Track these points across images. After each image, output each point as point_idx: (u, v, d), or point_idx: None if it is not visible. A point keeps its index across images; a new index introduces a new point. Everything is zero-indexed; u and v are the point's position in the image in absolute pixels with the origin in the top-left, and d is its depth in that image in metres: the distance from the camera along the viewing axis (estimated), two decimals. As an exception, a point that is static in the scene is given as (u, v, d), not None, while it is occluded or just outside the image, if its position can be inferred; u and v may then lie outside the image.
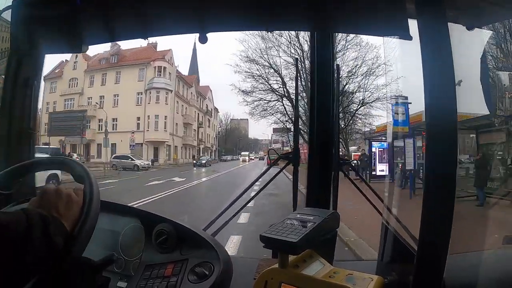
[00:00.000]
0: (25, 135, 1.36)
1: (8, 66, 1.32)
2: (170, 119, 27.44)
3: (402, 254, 0.98)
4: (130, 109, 25.46)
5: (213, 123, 37.86)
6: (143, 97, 26.30)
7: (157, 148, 26.48)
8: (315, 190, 1.34)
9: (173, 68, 28.02)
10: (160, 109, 26.42)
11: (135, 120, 25.92)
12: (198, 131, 33.08)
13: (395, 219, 1.11)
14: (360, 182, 1.41)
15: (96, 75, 26.69)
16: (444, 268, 0.78)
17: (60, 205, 0.69)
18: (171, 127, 27.62)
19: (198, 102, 33.82)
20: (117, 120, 25.39)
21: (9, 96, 1.32)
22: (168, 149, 27.62)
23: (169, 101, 27.33)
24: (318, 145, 1.34)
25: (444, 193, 0.77)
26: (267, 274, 0.77)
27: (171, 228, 0.98)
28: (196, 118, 32.66)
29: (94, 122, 25.56)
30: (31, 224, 0.60)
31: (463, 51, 0.97)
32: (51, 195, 0.71)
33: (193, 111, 31.73)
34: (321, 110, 1.34)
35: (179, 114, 29.43)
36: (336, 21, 1.25)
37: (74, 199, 0.72)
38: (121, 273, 1.00)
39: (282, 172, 1.45)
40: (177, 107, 28.89)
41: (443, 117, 0.78)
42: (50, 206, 0.68)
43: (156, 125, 26.44)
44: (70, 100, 26.52)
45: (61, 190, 0.72)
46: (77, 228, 0.70)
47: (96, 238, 0.79)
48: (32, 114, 1.37)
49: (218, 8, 1.21)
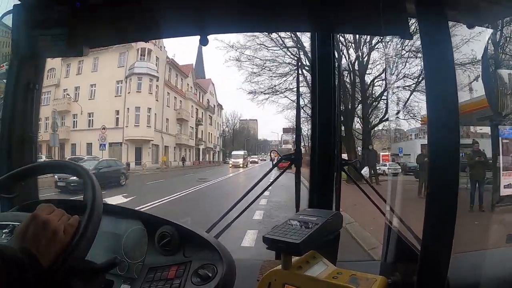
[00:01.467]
0: (27, 139, 1.36)
1: (10, 70, 1.32)
2: (158, 113, 22.53)
3: (406, 254, 0.97)
4: (108, 102, 20.79)
5: (216, 120, 32.00)
6: (123, 86, 21.32)
7: (139, 148, 21.46)
8: (318, 190, 1.34)
9: (162, 53, 23.06)
10: (142, 99, 21.20)
11: (114, 115, 20.91)
12: (197, 129, 27.57)
13: (399, 219, 1.11)
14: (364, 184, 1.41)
15: (72, 63, 21.51)
16: (447, 268, 0.78)
17: (42, 241, 0.66)
18: (159, 123, 22.64)
19: (197, 95, 27.93)
20: (93, 115, 20.90)
21: (10, 100, 1.32)
22: (155, 149, 22.68)
23: (154, 90, 22.08)
24: (320, 145, 1.34)
25: (447, 193, 0.76)
26: (271, 276, 0.77)
27: (174, 230, 0.98)
28: (194, 114, 27.10)
29: (69, 118, 21.05)
30: (5, 265, 0.59)
31: (464, 49, 0.97)
32: (37, 227, 0.68)
33: (189, 106, 26.01)
34: (322, 111, 1.34)
35: (171, 108, 24.22)
36: (337, 21, 1.25)
37: (58, 238, 0.68)
38: (124, 276, 1.00)
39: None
40: (167, 100, 23.76)
41: (445, 116, 0.78)
42: (32, 240, 0.66)
43: (136, 120, 21.10)
44: (47, 94, 20.94)
45: (49, 223, 0.69)
46: (79, 230, 0.71)
47: (99, 241, 0.79)
48: (34, 118, 1.38)
49: (218, 10, 1.21)
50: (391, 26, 1.17)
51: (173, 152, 24.54)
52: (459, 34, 5.09)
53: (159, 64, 22.32)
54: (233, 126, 35.13)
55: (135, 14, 1.24)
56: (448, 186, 0.77)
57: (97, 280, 0.81)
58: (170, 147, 24.06)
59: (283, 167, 1.51)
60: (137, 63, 21.03)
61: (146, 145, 21.46)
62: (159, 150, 22.85)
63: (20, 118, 1.34)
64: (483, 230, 3.67)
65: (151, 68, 21.54)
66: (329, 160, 1.33)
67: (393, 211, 1.14)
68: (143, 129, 21.19)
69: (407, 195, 1.21)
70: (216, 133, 31.88)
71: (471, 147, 7.25)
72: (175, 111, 24.69)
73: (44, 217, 0.69)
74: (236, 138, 34.72)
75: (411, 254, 0.92)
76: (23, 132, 1.35)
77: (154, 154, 22.38)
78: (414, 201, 1.21)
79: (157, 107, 22.31)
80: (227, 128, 34.38)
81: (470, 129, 9.61)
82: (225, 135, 33.99)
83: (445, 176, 0.77)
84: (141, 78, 21.22)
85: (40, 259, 0.64)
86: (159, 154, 22.84)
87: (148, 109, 21.43)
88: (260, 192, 1.49)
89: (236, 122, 35.14)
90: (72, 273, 0.70)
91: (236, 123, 35.31)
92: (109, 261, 0.81)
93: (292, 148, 20.73)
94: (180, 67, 25.12)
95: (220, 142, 32.83)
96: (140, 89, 21.19)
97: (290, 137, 22.65)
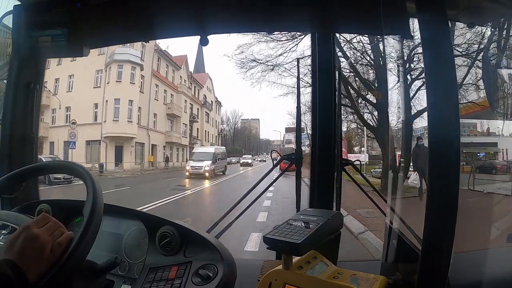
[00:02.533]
0: (28, 139, 1.36)
1: (10, 71, 1.32)
2: (143, 107, 19.66)
3: (406, 254, 0.97)
4: (86, 94, 18.18)
5: (215, 118, 29.08)
6: (102, 76, 18.66)
7: (120, 147, 18.42)
8: (318, 190, 1.34)
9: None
10: (122, 90, 18.12)
11: (92, 108, 18.15)
12: (191, 127, 24.71)
13: (399, 219, 1.11)
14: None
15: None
16: (448, 267, 0.78)
17: (29, 255, 0.66)
18: (144, 118, 19.79)
19: (192, 89, 25.03)
20: (70, 109, 18.29)
21: (11, 100, 1.32)
22: (139, 148, 19.65)
23: (138, 81, 19.03)
24: (320, 145, 1.34)
25: (448, 192, 0.76)
26: (271, 276, 0.77)
27: (175, 230, 0.98)
28: (189, 109, 24.17)
29: (48, 114, 18.24)
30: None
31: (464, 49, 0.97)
32: (25, 240, 0.67)
33: (182, 100, 23.05)
34: (323, 111, 1.34)
35: (160, 102, 21.34)
36: (337, 21, 1.25)
37: (44, 255, 0.67)
38: (125, 276, 1.00)
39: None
40: (156, 93, 20.88)
41: (446, 116, 0.78)
42: (19, 253, 0.65)
43: (116, 114, 18.18)
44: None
45: (37, 239, 0.67)
46: (80, 231, 0.71)
47: (100, 241, 0.79)
48: (35, 118, 1.38)
49: (218, 10, 1.22)
50: (391, 26, 1.17)
51: (163, 151, 21.75)
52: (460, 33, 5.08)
53: (145, 52, 19.57)
54: (234, 125, 32.81)
55: (135, 14, 1.24)
56: (448, 185, 0.77)
57: (98, 280, 0.81)
58: (158, 146, 21.22)
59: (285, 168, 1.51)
60: (118, 49, 18.10)
61: (128, 143, 18.69)
62: (144, 149, 20.08)
63: (20, 118, 1.34)
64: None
65: (133, 55, 18.77)
66: (329, 160, 1.33)
67: (394, 211, 1.14)
68: (123, 124, 18.26)
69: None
70: (214, 131, 28.91)
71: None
72: (165, 105, 21.84)
73: (34, 231, 0.68)
74: (237, 138, 32.83)
75: (412, 253, 0.91)
76: (24, 132, 1.35)
77: (138, 154, 19.62)
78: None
79: (143, 100, 19.49)
80: (227, 127, 32.29)
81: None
82: (224, 134, 31.82)
83: (445, 175, 0.77)
84: (122, 66, 18.57)
85: (27, 274, 0.63)
86: (145, 153, 20.10)
87: (129, 102, 18.49)
88: (260, 192, 1.49)
89: (237, 121, 32.89)
90: (73, 273, 0.70)
91: (237, 122, 33.01)
92: (110, 261, 0.81)
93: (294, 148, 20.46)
94: (171, 57, 22.51)
95: (218, 141, 29.68)
96: (120, 79, 18.44)
97: (293, 137, 19.85)
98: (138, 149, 19.55)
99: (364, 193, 1.36)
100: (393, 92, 11.64)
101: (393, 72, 5.60)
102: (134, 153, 19.15)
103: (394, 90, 5.76)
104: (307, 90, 3.21)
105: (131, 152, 18.88)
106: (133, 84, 18.73)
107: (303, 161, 1.39)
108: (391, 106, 5.75)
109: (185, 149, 23.87)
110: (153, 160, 20.22)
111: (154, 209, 7.62)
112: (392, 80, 8.40)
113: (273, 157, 1.48)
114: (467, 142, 11.16)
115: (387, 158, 9.27)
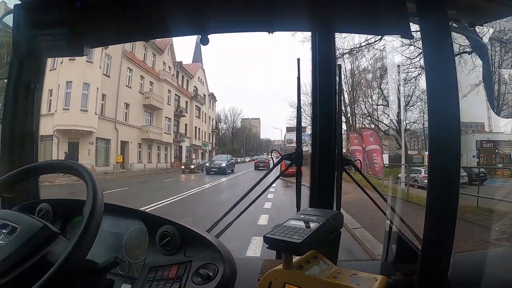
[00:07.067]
0: (28, 139, 1.36)
1: (10, 70, 1.32)
2: (109, 94, 16.07)
3: (406, 254, 0.97)
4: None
5: (208, 113, 25.62)
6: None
7: (75, 143, 14.97)
8: (319, 190, 1.33)
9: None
10: (75, 71, 14.47)
11: (47, 96, 13.75)
12: (178, 122, 21.25)
13: (399, 219, 1.11)
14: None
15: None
16: (448, 267, 0.78)
17: None
18: (110, 108, 16.19)
19: (178, 78, 21.34)
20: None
21: (11, 99, 1.32)
22: (103, 146, 16.10)
23: (101, 61, 15.37)
24: (321, 145, 1.34)
25: (448, 193, 0.76)
26: (271, 275, 0.77)
27: (175, 230, 0.98)
28: (173, 101, 20.61)
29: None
30: None
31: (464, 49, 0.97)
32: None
33: (164, 90, 19.54)
34: (323, 111, 1.34)
35: (134, 90, 17.64)
36: (337, 21, 1.25)
37: None
38: (125, 275, 1.00)
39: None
40: (129, 78, 17.25)
41: (446, 116, 0.78)
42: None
43: (66, 101, 14.60)
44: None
45: None
46: (80, 231, 0.71)
47: (100, 240, 0.79)
48: (35, 117, 1.38)
49: (218, 10, 1.21)
50: (391, 26, 1.17)
51: (138, 149, 18.20)
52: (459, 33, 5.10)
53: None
54: (233, 123, 30.95)
55: (135, 13, 1.24)
56: (448, 186, 0.77)
57: (98, 280, 0.81)
58: (131, 143, 17.61)
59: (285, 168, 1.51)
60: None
61: (85, 139, 15.06)
62: (110, 147, 16.51)
63: (21, 117, 1.34)
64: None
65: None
66: (330, 160, 1.33)
67: (394, 211, 1.14)
68: (75, 114, 14.57)
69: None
70: (206, 128, 25.69)
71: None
72: (142, 94, 18.25)
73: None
74: (236, 137, 31.22)
75: (412, 253, 0.92)
76: (24, 131, 1.35)
77: (101, 153, 16.14)
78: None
79: (109, 86, 15.99)
80: (225, 125, 30.29)
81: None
82: (222, 133, 30.06)
83: (445, 176, 0.77)
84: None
85: None
86: (111, 152, 16.53)
87: (84, 85, 14.71)
88: (260, 192, 1.49)
89: (236, 119, 31.01)
90: (73, 273, 0.70)
91: (236, 121, 31.14)
92: (110, 260, 0.81)
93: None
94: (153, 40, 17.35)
95: (212, 139, 27.23)
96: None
97: (294, 136, 20.85)
98: (101, 147, 16.09)
99: (364, 193, 1.35)
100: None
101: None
102: (95, 152, 15.62)
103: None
104: (307, 90, 3.20)
105: (90, 151, 15.27)
106: (91, 63, 14.85)
107: (305, 161, 1.40)
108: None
109: (169, 147, 20.57)
110: (121, 161, 16.85)
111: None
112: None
113: (274, 158, 1.48)
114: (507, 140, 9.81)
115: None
